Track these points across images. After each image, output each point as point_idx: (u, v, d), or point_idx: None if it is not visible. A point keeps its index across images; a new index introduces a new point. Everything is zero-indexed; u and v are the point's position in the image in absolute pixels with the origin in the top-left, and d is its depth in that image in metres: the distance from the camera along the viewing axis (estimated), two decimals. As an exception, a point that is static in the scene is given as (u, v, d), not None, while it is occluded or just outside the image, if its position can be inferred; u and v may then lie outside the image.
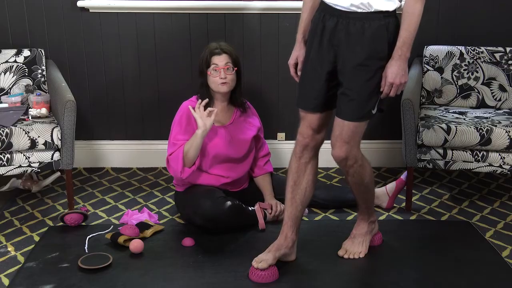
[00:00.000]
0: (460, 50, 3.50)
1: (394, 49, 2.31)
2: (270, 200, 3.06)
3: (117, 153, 3.81)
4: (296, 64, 2.58)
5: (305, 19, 2.54)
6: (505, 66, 3.45)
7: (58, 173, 3.49)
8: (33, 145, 3.02)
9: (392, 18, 2.34)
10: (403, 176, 3.21)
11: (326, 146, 2.51)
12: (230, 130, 3.02)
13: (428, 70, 3.51)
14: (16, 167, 3.05)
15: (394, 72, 2.30)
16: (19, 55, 3.45)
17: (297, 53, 2.56)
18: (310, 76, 2.48)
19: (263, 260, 2.52)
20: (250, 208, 2.97)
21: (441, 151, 3.10)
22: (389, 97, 2.37)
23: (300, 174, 2.56)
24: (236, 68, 2.97)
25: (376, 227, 2.79)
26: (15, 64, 3.43)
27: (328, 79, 2.44)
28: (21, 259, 2.72)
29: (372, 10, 2.31)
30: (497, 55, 3.46)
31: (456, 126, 3.05)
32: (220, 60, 2.93)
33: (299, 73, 2.56)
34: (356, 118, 2.41)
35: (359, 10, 2.32)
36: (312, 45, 2.45)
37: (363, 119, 2.42)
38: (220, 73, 2.91)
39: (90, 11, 3.56)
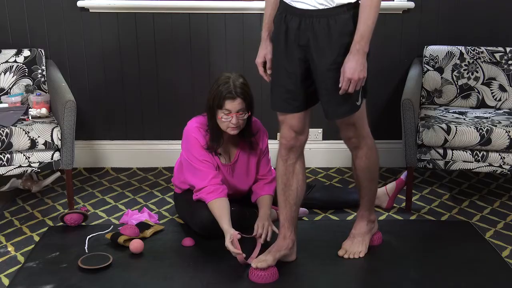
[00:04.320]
0: (460, 50, 3.50)
1: (352, 43, 2.24)
2: (258, 221, 2.78)
3: (117, 153, 3.81)
4: (264, 63, 2.52)
5: (269, 15, 2.48)
6: (505, 66, 3.45)
7: (58, 173, 3.48)
8: (33, 145, 3.02)
9: (356, 10, 2.27)
10: (403, 176, 3.21)
11: (326, 146, 2.51)
12: (233, 168, 2.91)
13: (428, 70, 3.51)
14: (16, 167, 3.05)
15: (352, 67, 2.23)
16: (19, 55, 3.45)
17: (264, 51, 2.50)
18: (283, 79, 2.43)
19: (263, 260, 2.52)
20: (253, 210, 2.94)
21: (441, 151, 3.10)
22: (347, 92, 2.29)
23: (289, 176, 2.54)
24: (249, 113, 2.75)
25: (375, 226, 2.79)
26: (15, 64, 3.43)
27: (304, 79, 2.40)
28: (21, 259, 2.72)
29: (334, 5, 2.25)
30: (497, 55, 3.46)
31: (456, 126, 3.05)
32: (234, 107, 2.68)
33: (268, 71, 2.51)
34: (343, 115, 2.39)
35: (321, 7, 2.26)
36: (278, 47, 2.40)
37: (350, 113, 2.40)
38: (232, 119, 2.70)
39: (90, 11, 3.56)
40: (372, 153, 2.57)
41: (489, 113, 3.34)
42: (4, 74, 3.42)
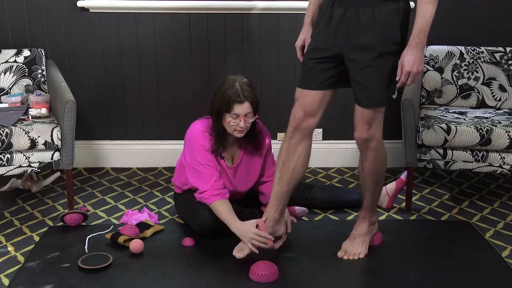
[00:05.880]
0: (460, 50, 3.50)
1: (410, 37, 2.29)
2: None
3: (117, 153, 3.81)
4: (303, 47, 2.58)
5: (313, 1, 2.54)
6: (505, 66, 3.45)
7: (58, 173, 3.49)
8: (33, 145, 3.02)
9: (401, 2, 2.33)
10: (403, 176, 3.21)
11: (326, 146, 2.52)
12: (236, 170, 2.90)
13: (428, 70, 3.51)
14: (16, 167, 3.05)
15: (411, 60, 2.28)
16: (19, 55, 3.45)
17: (305, 35, 2.56)
18: (313, 59, 2.46)
19: (240, 249, 2.57)
20: (253, 210, 2.94)
21: (441, 151, 3.10)
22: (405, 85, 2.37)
23: (289, 154, 2.55)
24: (257, 116, 2.76)
25: (375, 227, 2.79)
26: (15, 64, 3.43)
27: (333, 63, 2.43)
28: (21, 259, 2.72)
29: None
30: (497, 55, 3.46)
31: (456, 126, 3.05)
32: (242, 110, 2.68)
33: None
34: (375, 105, 2.42)
35: None
36: (318, 28, 2.45)
37: (382, 105, 2.44)
38: (239, 122, 2.70)
39: (90, 11, 3.56)
40: (382, 157, 2.58)
41: (489, 113, 3.34)
42: (4, 74, 3.42)
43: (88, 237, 2.86)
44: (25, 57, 3.45)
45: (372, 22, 2.31)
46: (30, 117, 3.19)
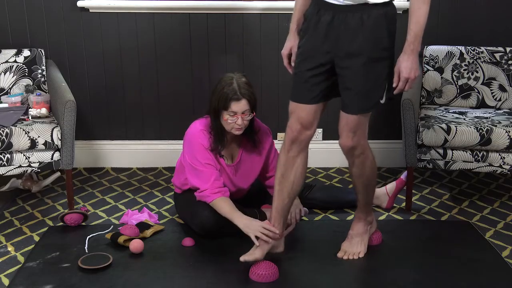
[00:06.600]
0: (460, 50, 3.50)
1: (406, 43, 2.30)
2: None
3: (117, 153, 3.81)
4: (289, 55, 2.56)
5: (298, 8, 2.51)
6: (505, 66, 3.45)
7: (58, 173, 3.49)
8: (33, 145, 3.02)
9: (389, 7, 2.33)
10: (403, 176, 3.21)
11: (326, 146, 2.52)
12: (237, 168, 2.91)
13: (428, 70, 3.51)
14: (16, 167, 3.05)
15: (408, 67, 2.29)
16: (19, 55, 3.45)
17: (291, 43, 2.54)
18: (305, 70, 2.45)
19: (250, 254, 2.54)
20: (253, 210, 2.94)
21: (441, 151, 3.10)
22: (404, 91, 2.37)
23: (288, 167, 2.54)
24: (254, 113, 2.77)
25: (373, 226, 2.79)
26: (15, 64, 3.43)
27: (325, 72, 2.42)
28: (21, 259, 2.72)
29: (371, 3, 2.29)
30: (497, 55, 3.46)
31: (456, 126, 3.05)
32: (239, 107, 2.69)
33: (292, 64, 2.54)
34: (363, 110, 2.41)
35: (356, 3, 2.30)
36: (305, 38, 2.43)
37: (370, 110, 2.43)
38: (237, 119, 2.71)
39: (90, 11, 3.56)
40: (369, 163, 2.58)
41: (489, 113, 3.34)
42: (4, 74, 3.42)
43: (88, 237, 2.86)
44: (25, 57, 3.45)
45: (360, 27, 2.30)
46: (30, 117, 3.19)
